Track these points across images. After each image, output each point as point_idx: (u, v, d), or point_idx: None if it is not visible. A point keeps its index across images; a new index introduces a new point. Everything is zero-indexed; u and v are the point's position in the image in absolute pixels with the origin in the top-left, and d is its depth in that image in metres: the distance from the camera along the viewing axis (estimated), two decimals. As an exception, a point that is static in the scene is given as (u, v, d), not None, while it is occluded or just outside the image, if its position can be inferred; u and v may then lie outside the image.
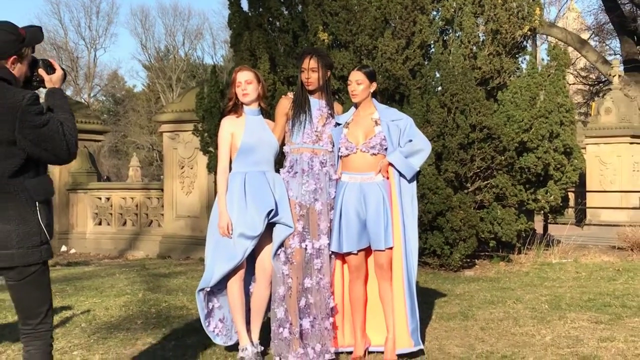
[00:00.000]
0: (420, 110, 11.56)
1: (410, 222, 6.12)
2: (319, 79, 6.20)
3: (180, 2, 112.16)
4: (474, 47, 12.42)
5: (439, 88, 11.94)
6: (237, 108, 6.24)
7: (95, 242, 17.83)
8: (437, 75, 12.12)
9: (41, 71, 4.19)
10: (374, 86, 6.25)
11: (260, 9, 13.01)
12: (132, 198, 17.64)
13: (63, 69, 4.30)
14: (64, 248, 18.27)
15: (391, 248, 6.01)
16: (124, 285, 10.23)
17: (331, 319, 6.11)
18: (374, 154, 6.06)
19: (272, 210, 5.97)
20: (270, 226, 6.06)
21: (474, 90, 11.55)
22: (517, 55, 12.90)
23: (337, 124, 6.28)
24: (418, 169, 6.15)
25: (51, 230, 4.02)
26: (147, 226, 17.24)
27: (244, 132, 6.12)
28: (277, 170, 6.29)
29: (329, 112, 6.30)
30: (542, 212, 13.25)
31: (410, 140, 6.11)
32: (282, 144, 6.34)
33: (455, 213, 11.31)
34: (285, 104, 6.34)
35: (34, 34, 4.08)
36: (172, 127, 15.98)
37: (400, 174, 6.06)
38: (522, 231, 12.24)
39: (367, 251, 6.17)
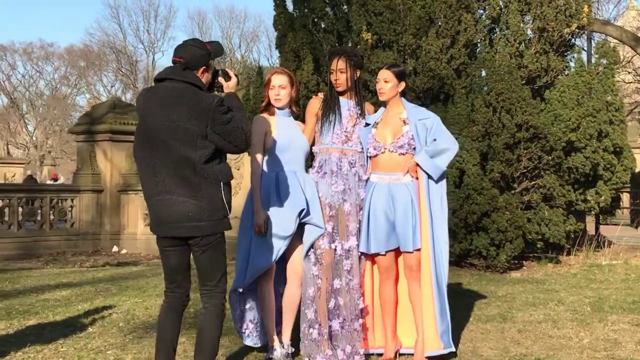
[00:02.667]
0: (465, 110, 11.45)
1: (439, 223, 6.07)
2: (347, 80, 6.17)
3: (236, 5, 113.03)
4: (521, 46, 12.27)
5: (485, 87, 11.80)
6: (269, 108, 6.23)
7: (145, 243, 17.98)
8: (483, 74, 11.98)
9: (221, 79, 5.09)
10: (403, 85, 6.16)
11: (305, 10, 13.03)
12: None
13: (236, 76, 5.17)
14: (115, 248, 18.51)
15: (420, 249, 5.94)
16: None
17: (361, 320, 6.06)
18: (402, 154, 6.00)
19: (303, 210, 5.94)
20: (300, 227, 6.03)
21: (520, 89, 11.41)
22: (565, 54, 12.69)
23: (367, 124, 6.22)
24: (444, 169, 6.05)
25: (230, 206, 4.85)
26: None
27: (276, 132, 6.10)
28: (307, 171, 6.27)
29: (359, 112, 6.25)
30: (592, 212, 13.02)
31: (435, 140, 6.02)
32: (312, 145, 6.31)
33: (501, 214, 11.17)
34: (315, 104, 6.32)
35: (216, 48, 5.01)
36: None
37: (428, 175, 5.98)
38: (571, 232, 12.04)
39: (397, 252, 6.11)
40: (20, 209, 18.14)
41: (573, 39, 12.87)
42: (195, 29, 71.96)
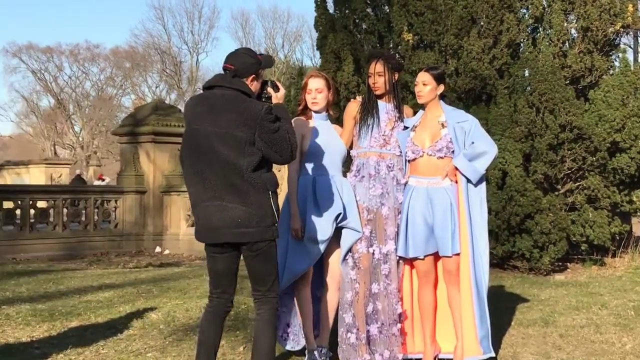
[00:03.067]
0: (508, 111, 11.33)
1: (479, 227, 6.00)
2: (385, 83, 6.13)
3: (279, 5, 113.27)
4: (564, 45, 12.12)
5: (527, 88, 11.67)
6: (306, 111, 6.21)
7: (188, 244, 18.05)
8: (526, 74, 11.85)
9: (270, 90, 5.13)
10: (442, 88, 6.11)
11: (346, 11, 13.00)
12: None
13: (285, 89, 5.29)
14: (158, 249, 18.63)
15: (459, 254, 5.88)
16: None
17: (399, 325, 6.03)
18: (440, 157, 5.95)
19: (340, 214, 5.91)
20: (338, 230, 6.00)
21: (563, 89, 11.27)
22: (610, 53, 12.51)
23: (405, 127, 6.18)
24: (483, 172, 5.98)
25: (279, 214, 4.98)
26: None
27: (312, 136, 6.09)
28: (345, 174, 6.24)
29: (397, 115, 6.21)
30: (638, 214, 12.82)
31: (473, 143, 5.95)
32: (350, 148, 6.28)
33: (545, 215, 11.05)
34: (353, 107, 6.29)
35: (267, 59, 5.18)
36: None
37: (467, 178, 5.92)
38: (616, 234, 11.86)
39: (436, 256, 6.05)
40: (65, 210, 18.33)
41: (618, 38, 12.67)
42: (239, 30, 72.52)
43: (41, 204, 18.38)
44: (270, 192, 4.84)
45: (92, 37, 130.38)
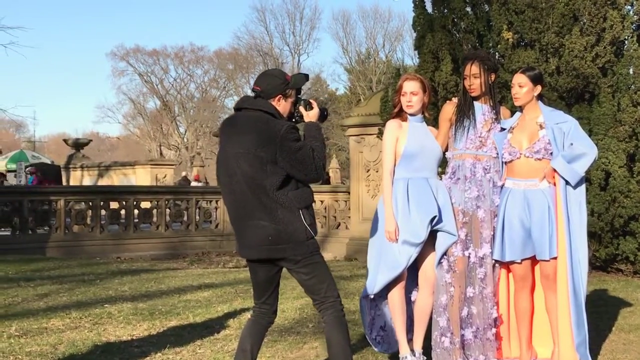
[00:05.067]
0: (611, 110, 11.04)
1: (578, 230, 5.85)
2: (481, 85, 6.05)
3: (380, 5, 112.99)
4: (671, 42, 11.73)
5: (632, 86, 11.35)
6: (401, 114, 6.17)
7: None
8: (630, 72, 11.52)
9: (301, 108, 5.12)
10: (539, 89, 5.99)
11: (445, 10, 12.86)
12: (321, 201, 17.91)
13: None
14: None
15: (556, 258, 5.76)
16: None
17: (494, 330, 5.94)
18: (538, 159, 5.84)
19: (435, 217, 5.85)
20: (432, 234, 5.94)
21: (669, 87, 10.93)
22: None
23: (502, 129, 6.08)
24: (583, 174, 5.83)
25: (314, 228, 4.96)
26: (335, 228, 17.47)
27: (407, 138, 6.03)
28: (440, 177, 6.17)
29: (494, 117, 6.11)
30: None
31: (572, 144, 5.81)
32: (446, 150, 6.22)
33: (650, 217, 10.75)
34: (448, 109, 6.22)
35: (298, 79, 5.11)
36: (358, 131, 16.14)
37: (565, 180, 5.78)
38: None
39: (534, 260, 5.94)
40: (167, 210, 18.70)
41: None
42: (340, 30, 72.51)
43: (145, 204, 18.78)
44: (299, 210, 4.87)
45: (196, 40, 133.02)
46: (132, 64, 76.69)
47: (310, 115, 5.13)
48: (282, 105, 5.01)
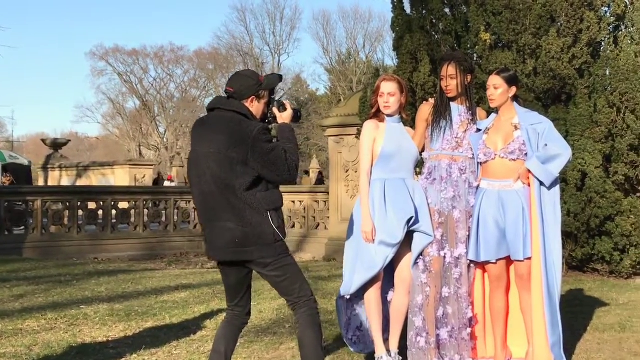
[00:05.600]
0: (587, 111, 11.12)
1: (553, 231, 5.87)
2: (458, 86, 6.07)
3: (361, 5, 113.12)
4: (647, 44, 11.82)
5: (608, 87, 11.42)
6: (378, 114, 6.18)
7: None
8: (607, 73, 11.59)
9: (274, 110, 5.09)
10: (514, 90, 6.02)
11: (423, 11, 12.91)
12: (300, 201, 17.91)
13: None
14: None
15: (530, 258, 5.78)
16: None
17: (469, 329, 5.96)
18: (513, 160, 5.86)
19: (412, 217, 5.86)
20: (409, 234, 5.95)
21: (645, 88, 11.01)
22: (696, 51, 12.15)
23: (478, 130, 6.10)
24: (557, 175, 5.87)
25: (283, 231, 4.93)
26: (314, 229, 17.47)
27: (384, 139, 6.05)
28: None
29: (470, 118, 6.13)
30: None
31: (546, 145, 5.83)
32: (422, 151, 6.23)
33: (626, 217, 10.84)
34: (425, 110, 6.24)
35: (271, 80, 5.10)
36: (337, 131, 16.17)
37: (540, 181, 5.81)
38: (701, 236, 11.54)
39: (509, 260, 5.96)
40: (145, 211, 18.65)
41: None
42: (320, 30, 72.57)
43: (122, 205, 18.72)
44: (268, 211, 4.83)
45: (176, 40, 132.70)
46: (111, 64, 76.44)
47: (284, 117, 5.11)
48: (255, 107, 4.99)
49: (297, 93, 73.33)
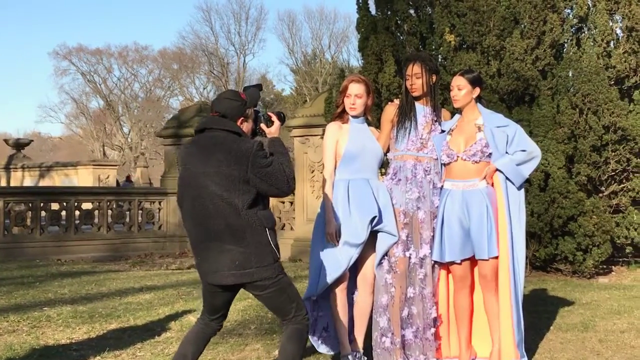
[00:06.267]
0: (550, 112, 11.21)
1: (518, 231, 5.92)
2: (423, 85, 6.09)
3: (326, 6, 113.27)
4: (609, 46, 11.96)
5: (571, 88, 11.53)
6: (343, 115, 6.20)
7: (231, 245, 18.06)
8: (569, 75, 11.70)
9: (263, 126, 5.12)
10: (477, 91, 6.04)
11: (388, 12, 12.92)
12: (266, 202, 17.84)
13: (279, 113, 5.23)
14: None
15: (496, 257, 5.82)
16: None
17: (433, 329, 5.98)
18: (475, 162, 5.89)
19: (375, 217, 5.88)
20: (373, 234, 5.97)
21: (607, 90, 11.16)
22: (656, 53, 12.30)
23: (442, 131, 6.12)
24: (527, 177, 5.93)
25: (278, 249, 4.87)
26: (280, 229, 17.41)
27: (348, 139, 6.07)
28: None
29: (435, 119, 6.16)
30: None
31: (524, 150, 5.88)
32: (388, 151, 6.25)
33: (588, 218, 10.93)
34: (390, 111, 6.26)
35: (253, 95, 5.13)
36: (302, 132, 16.15)
37: (508, 181, 5.85)
38: (663, 236, 11.68)
39: (473, 261, 5.99)
40: (109, 212, 18.51)
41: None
42: (285, 31, 72.45)
43: (86, 206, 18.56)
44: (267, 230, 4.77)
45: (141, 39, 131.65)
46: (74, 63, 75.88)
47: (272, 131, 5.12)
48: (244, 126, 4.96)
49: (263, 93, 73.08)
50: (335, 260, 5.90)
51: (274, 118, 5.14)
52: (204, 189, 4.72)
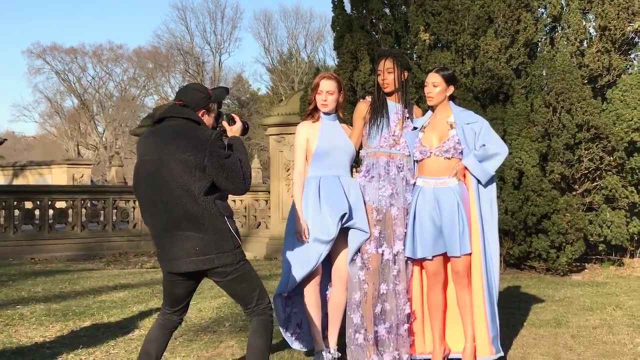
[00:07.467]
0: (524, 110, 11.28)
1: (490, 227, 5.95)
2: (395, 80, 6.11)
3: (301, 5, 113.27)
4: (582, 44, 12.06)
5: (544, 87, 11.61)
6: (314, 112, 6.21)
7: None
8: (543, 73, 11.78)
9: (224, 123, 5.12)
10: (451, 89, 6.07)
11: (363, 11, 12.96)
12: (241, 200, 17.85)
13: (244, 122, 5.23)
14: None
15: (469, 254, 5.85)
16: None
17: (406, 326, 5.99)
18: (447, 158, 5.92)
19: (345, 214, 5.88)
20: (346, 231, 5.98)
21: (580, 88, 11.23)
22: (628, 52, 12.42)
23: (414, 128, 6.14)
24: (493, 174, 5.95)
25: (239, 236, 4.87)
26: (255, 228, 17.42)
27: (319, 137, 6.08)
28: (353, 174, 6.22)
29: (407, 115, 6.17)
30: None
31: (484, 145, 5.91)
32: (360, 148, 6.26)
33: (562, 216, 11.00)
34: (362, 108, 6.27)
35: (219, 93, 5.14)
36: (278, 130, 16.16)
37: (477, 179, 5.88)
38: (635, 234, 11.77)
39: (446, 257, 6.01)
40: (83, 210, 18.42)
41: (636, 37, 12.56)
42: (261, 30, 72.36)
43: (60, 205, 18.45)
44: (226, 217, 4.76)
45: (115, 38, 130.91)
46: (49, 62, 75.27)
47: (234, 130, 5.12)
48: (205, 119, 4.93)
49: (239, 92, 73.02)
50: (305, 257, 5.92)
51: (237, 119, 5.17)
52: (160, 176, 4.68)
